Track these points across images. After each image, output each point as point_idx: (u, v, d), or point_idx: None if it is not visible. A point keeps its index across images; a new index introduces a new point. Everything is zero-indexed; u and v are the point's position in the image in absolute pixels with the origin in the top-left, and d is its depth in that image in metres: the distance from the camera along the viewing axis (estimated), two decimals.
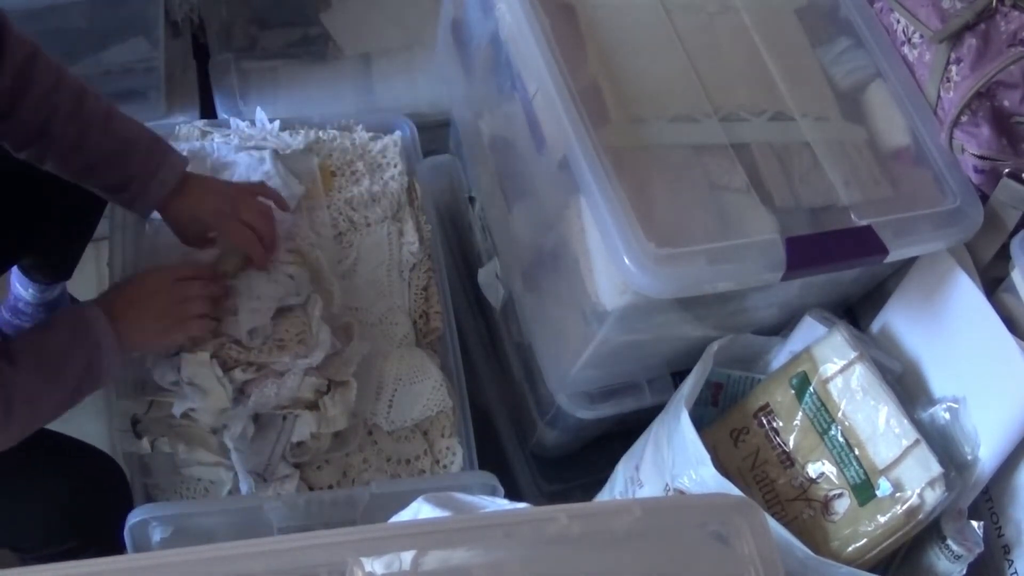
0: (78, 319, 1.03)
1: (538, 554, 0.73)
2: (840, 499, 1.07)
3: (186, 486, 1.16)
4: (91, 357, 1.01)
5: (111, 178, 1.09)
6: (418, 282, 1.35)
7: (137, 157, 1.08)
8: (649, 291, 0.98)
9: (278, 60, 1.72)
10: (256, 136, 1.37)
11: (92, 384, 1.03)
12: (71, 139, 1.05)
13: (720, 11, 1.19)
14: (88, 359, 1.01)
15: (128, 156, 1.08)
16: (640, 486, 1.18)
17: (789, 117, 1.13)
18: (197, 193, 1.12)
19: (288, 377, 1.15)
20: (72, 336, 1.01)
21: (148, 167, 1.09)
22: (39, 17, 1.40)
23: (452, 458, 1.25)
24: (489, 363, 1.52)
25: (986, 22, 1.07)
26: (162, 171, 1.09)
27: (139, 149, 1.09)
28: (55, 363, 0.99)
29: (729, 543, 0.76)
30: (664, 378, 1.30)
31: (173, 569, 0.66)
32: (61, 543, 1.14)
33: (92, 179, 1.09)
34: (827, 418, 1.09)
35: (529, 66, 1.11)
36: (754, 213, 1.05)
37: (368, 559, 0.67)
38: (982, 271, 1.12)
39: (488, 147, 1.35)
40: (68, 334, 1.01)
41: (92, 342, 1.01)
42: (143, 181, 1.09)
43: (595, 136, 1.02)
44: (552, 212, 1.16)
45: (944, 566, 1.05)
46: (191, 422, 1.15)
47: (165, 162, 1.10)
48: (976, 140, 1.07)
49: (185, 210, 1.13)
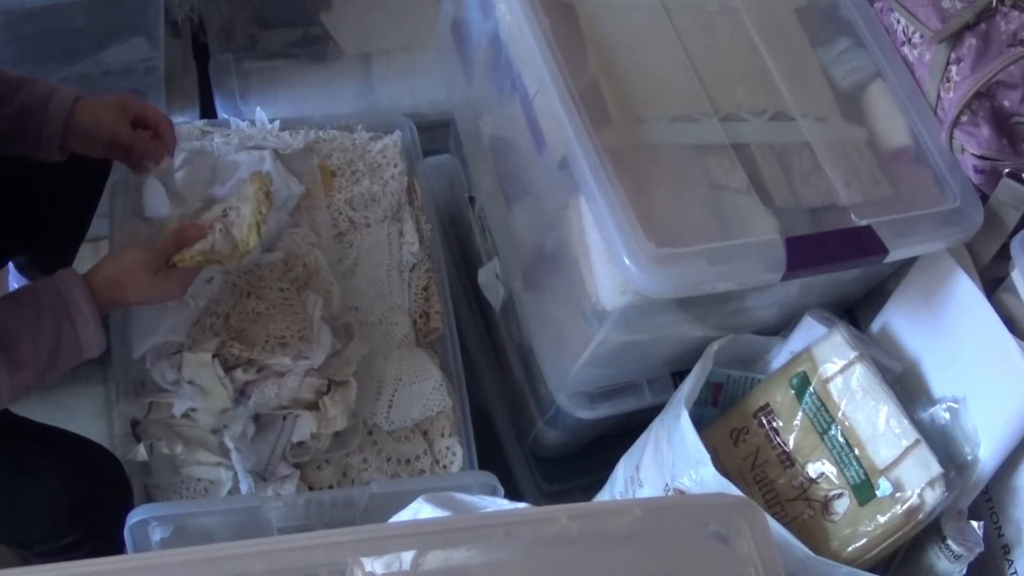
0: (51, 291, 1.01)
1: (538, 554, 0.73)
2: (840, 499, 1.07)
3: (186, 486, 1.16)
4: (63, 334, 0.99)
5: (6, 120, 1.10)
6: (418, 282, 1.35)
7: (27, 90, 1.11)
8: (649, 291, 0.98)
9: (278, 60, 1.72)
10: (256, 136, 1.37)
11: (66, 361, 1.01)
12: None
13: (720, 11, 1.19)
14: (59, 335, 0.99)
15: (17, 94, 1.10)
16: (640, 486, 1.18)
17: (789, 117, 1.13)
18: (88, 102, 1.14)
19: (288, 377, 1.15)
20: (45, 293, 1.00)
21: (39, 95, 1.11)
22: (39, 17, 1.40)
23: (452, 458, 1.25)
24: (489, 363, 1.52)
25: (986, 22, 1.07)
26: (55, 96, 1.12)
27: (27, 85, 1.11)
28: (23, 339, 0.98)
29: (729, 543, 0.76)
30: (664, 378, 1.30)
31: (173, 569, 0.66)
32: (61, 538, 1.14)
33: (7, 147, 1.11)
34: (827, 418, 1.09)
35: (529, 66, 1.11)
36: (754, 213, 1.05)
37: (368, 559, 0.67)
38: (982, 271, 1.12)
39: (488, 147, 1.35)
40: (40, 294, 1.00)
41: (67, 318, 0.99)
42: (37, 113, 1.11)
43: (595, 136, 1.02)
44: (552, 212, 1.16)
45: (944, 566, 1.05)
46: (191, 422, 1.15)
47: (57, 91, 1.12)
48: (976, 140, 1.07)
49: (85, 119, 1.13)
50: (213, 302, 1.18)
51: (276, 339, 1.16)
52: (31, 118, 1.11)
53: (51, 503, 1.11)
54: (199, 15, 1.71)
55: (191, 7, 1.69)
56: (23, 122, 1.11)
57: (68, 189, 1.27)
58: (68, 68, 1.52)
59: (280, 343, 1.16)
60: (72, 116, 1.12)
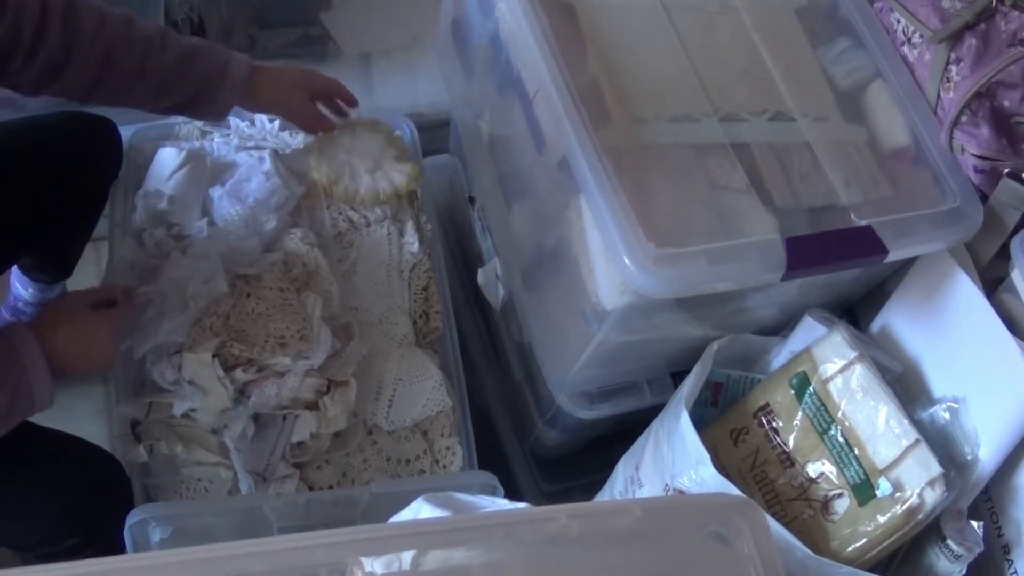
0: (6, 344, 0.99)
1: (538, 554, 0.73)
2: (840, 499, 1.07)
3: (186, 486, 1.16)
4: (20, 377, 0.98)
5: (184, 92, 1.11)
6: (418, 282, 1.35)
7: (202, 61, 1.11)
8: (649, 291, 0.98)
9: (278, 60, 1.72)
10: (256, 136, 1.37)
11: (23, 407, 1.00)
12: (134, 65, 1.06)
13: (720, 11, 1.19)
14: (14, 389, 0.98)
15: (193, 64, 1.10)
16: (640, 486, 1.18)
17: (789, 117, 1.13)
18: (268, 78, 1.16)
19: (288, 377, 1.15)
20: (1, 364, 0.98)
21: (216, 66, 1.12)
22: None
23: (452, 458, 1.25)
24: (489, 363, 1.52)
25: (986, 22, 1.07)
26: (231, 65, 1.12)
27: (201, 55, 1.11)
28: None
29: (729, 543, 0.76)
30: (664, 378, 1.30)
31: (173, 569, 0.65)
32: (62, 541, 1.14)
33: (167, 98, 1.12)
34: (827, 418, 1.09)
35: (529, 66, 1.11)
36: (754, 213, 1.05)
37: (368, 559, 0.67)
38: (982, 271, 1.12)
39: (488, 147, 1.35)
40: None
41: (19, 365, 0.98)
42: (215, 84, 1.12)
43: (595, 136, 1.02)
44: (552, 212, 1.16)
45: (944, 566, 1.05)
46: (191, 422, 1.15)
47: (231, 58, 1.13)
48: (976, 140, 1.07)
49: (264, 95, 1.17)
50: (213, 302, 1.18)
51: (276, 339, 1.16)
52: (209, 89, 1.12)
53: (52, 507, 1.11)
54: (199, 15, 1.72)
55: (191, 7, 1.69)
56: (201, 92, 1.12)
57: (74, 191, 1.27)
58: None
59: (280, 343, 1.16)
60: (253, 88, 1.14)
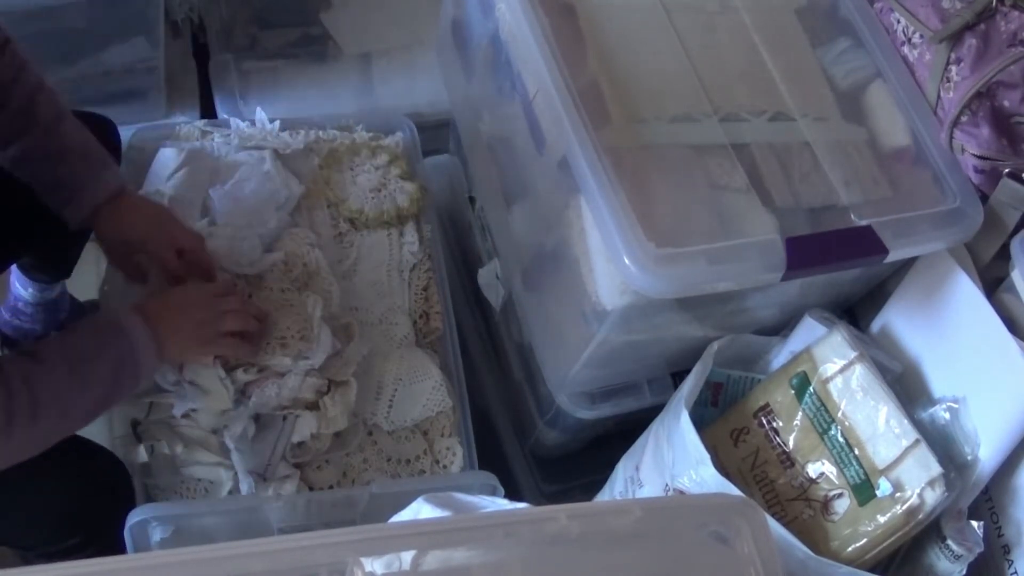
0: (111, 320, 1.02)
1: (538, 554, 0.73)
2: (840, 499, 1.07)
3: (186, 486, 1.16)
4: (124, 359, 1.00)
5: (43, 177, 1.09)
6: (418, 282, 1.35)
7: (72, 165, 1.08)
8: (649, 291, 0.98)
9: (278, 60, 1.72)
10: (256, 136, 1.37)
11: (127, 386, 1.02)
12: (15, 131, 1.05)
13: (720, 11, 1.19)
14: (120, 360, 1.00)
15: (64, 162, 1.08)
16: (640, 486, 1.18)
17: (789, 117, 1.13)
18: (128, 213, 1.11)
19: (289, 378, 1.15)
20: (104, 337, 1.00)
21: (80, 177, 1.08)
22: (38, 17, 1.40)
23: (452, 458, 1.25)
24: (489, 363, 1.52)
25: (986, 22, 1.07)
26: (92, 184, 1.09)
27: (75, 157, 1.08)
28: (85, 364, 0.98)
29: (729, 543, 0.76)
30: (664, 378, 1.30)
31: (173, 569, 0.65)
32: (63, 540, 1.14)
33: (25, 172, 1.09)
34: (827, 418, 1.09)
35: (529, 66, 1.11)
36: (754, 213, 1.05)
37: (368, 559, 0.67)
38: (982, 271, 1.12)
39: (488, 147, 1.35)
40: (99, 336, 1.01)
41: (127, 344, 1.00)
42: (73, 190, 1.08)
43: (595, 136, 1.02)
44: (552, 212, 1.16)
45: (944, 566, 1.05)
46: (191, 422, 1.15)
47: (100, 176, 1.09)
48: (976, 140, 1.07)
49: (112, 227, 1.11)
50: None
51: (276, 339, 1.16)
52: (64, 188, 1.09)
53: (53, 506, 1.11)
54: (199, 15, 1.72)
55: (191, 7, 1.69)
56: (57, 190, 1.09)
57: None
58: (68, 68, 1.52)
59: (280, 343, 1.16)
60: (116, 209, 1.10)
